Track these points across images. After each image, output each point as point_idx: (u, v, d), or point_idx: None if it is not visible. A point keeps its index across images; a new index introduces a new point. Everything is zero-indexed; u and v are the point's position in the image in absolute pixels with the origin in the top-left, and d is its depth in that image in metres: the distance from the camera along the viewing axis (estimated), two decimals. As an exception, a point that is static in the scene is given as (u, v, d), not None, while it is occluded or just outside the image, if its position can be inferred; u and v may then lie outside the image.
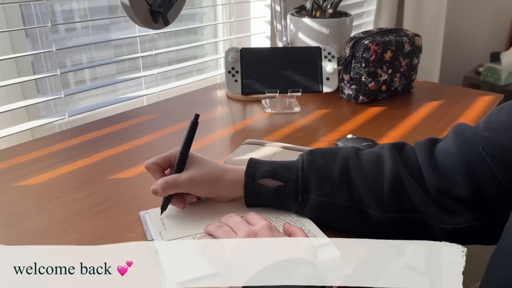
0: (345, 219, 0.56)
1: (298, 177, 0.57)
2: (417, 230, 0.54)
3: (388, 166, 0.55)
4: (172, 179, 0.57)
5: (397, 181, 0.54)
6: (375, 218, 0.54)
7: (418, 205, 0.53)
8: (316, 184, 0.56)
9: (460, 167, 0.52)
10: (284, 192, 0.57)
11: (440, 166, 0.53)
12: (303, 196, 0.57)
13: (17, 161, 0.77)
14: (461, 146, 0.53)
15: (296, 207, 0.58)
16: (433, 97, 1.11)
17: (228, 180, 0.59)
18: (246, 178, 0.58)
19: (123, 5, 0.73)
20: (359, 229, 0.56)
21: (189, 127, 0.59)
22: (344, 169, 0.56)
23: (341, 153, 0.58)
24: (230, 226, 0.52)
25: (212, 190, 0.59)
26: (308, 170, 0.57)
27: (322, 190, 0.56)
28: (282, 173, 0.57)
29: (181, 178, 0.57)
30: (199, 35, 1.39)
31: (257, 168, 0.58)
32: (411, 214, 0.53)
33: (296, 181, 0.57)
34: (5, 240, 0.56)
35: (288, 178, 0.57)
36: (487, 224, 0.52)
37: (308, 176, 0.56)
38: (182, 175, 0.57)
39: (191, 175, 0.57)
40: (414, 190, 0.53)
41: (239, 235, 0.49)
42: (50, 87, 1.02)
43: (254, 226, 0.51)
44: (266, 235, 0.49)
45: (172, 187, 0.57)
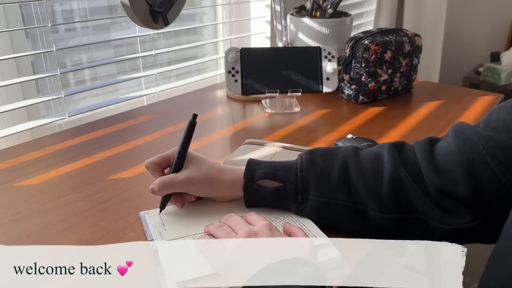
0: (345, 219, 0.56)
1: (297, 177, 0.57)
2: (416, 231, 0.54)
3: (388, 166, 0.55)
4: (169, 179, 0.57)
5: (397, 181, 0.54)
6: (374, 218, 0.54)
7: (417, 205, 0.53)
8: (315, 184, 0.56)
9: (460, 166, 0.52)
10: (284, 193, 0.57)
11: (439, 166, 0.53)
12: (303, 197, 0.56)
13: (17, 161, 0.77)
14: (461, 145, 0.52)
15: (296, 208, 0.57)
16: (433, 97, 1.11)
17: (226, 181, 0.59)
18: (245, 180, 0.58)
19: (123, 5, 0.73)
20: (359, 229, 0.56)
21: (187, 127, 0.60)
22: (343, 169, 0.56)
23: (340, 153, 0.58)
24: (230, 226, 0.52)
25: (210, 190, 0.59)
26: (307, 170, 0.57)
27: (322, 191, 0.56)
28: (281, 174, 0.57)
29: (177, 178, 0.57)
30: (199, 35, 1.39)
31: (256, 169, 0.58)
32: (411, 214, 0.53)
33: (295, 182, 0.57)
34: (5, 240, 0.56)
35: (287, 178, 0.57)
36: (487, 223, 0.52)
37: (307, 176, 0.56)
38: (179, 175, 0.57)
39: (188, 175, 0.57)
40: (414, 190, 0.53)
41: (239, 235, 0.49)
42: (50, 87, 1.02)
43: (254, 226, 0.51)
44: (266, 235, 0.49)
45: (168, 187, 0.57)
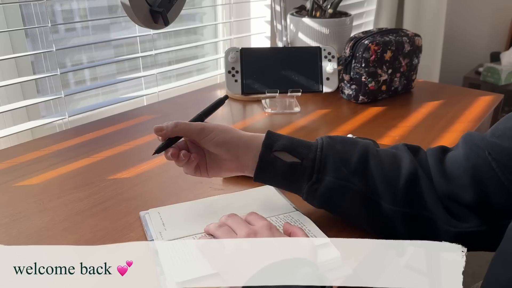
0: (356, 207, 0.55)
1: (316, 156, 0.55)
2: (423, 229, 0.54)
3: (406, 163, 0.55)
4: (185, 122, 0.57)
5: (415, 177, 0.54)
6: (386, 210, 0.54)
7: (429, 204, 0.53)
8: (334, 166, 0.55)
9: (466, 172, 0.52)
10: (299, 169, 0.55)
11: (447, 172, 0.54)
12: (318, 176, 0.55)
13: (17, 161, 0.77)
14: (468, 152, 0.53)
15: (309, 187, 0.55)
16: (433, 97, 1.12)
17: (243, 136, 0.57)
18: (264, 148, 0.56)
19: (123, 5, 0.73)
20: (367, 219, 0.56)
21: (216, 101, 0.62)
22: (364, 157, 0.55)
23: (360, 143, 0.57)
24: (230, 226, 0.52)
25: (223, 146, 0.56)
26: (327, 151, 0.55)
27: (339, 173, 0.54)
28: (300, 150, 0.56)
29: (193, 123, 0.57)
30: (199, 35, 1.39)
31: (276, 140, 0.56)
32: (421, 212, 0.54)
33: (313, 160, 0.55)
34: (5, 240, 0.56)
35: (306, 155, 0.55)
36: (493, 231, 0.52)
37: (326, 157, 0.55)
38: (195, 122, 0.58)
39: (204, 124, 0.57)
40: (429, 189, 0.53)
41: (239, 235, 0.49)
42: (50, 87, 1.02)
43: (254, 225, 0.51)
44: (266, 234, 0.49)
45: (182, 129, 0.57)
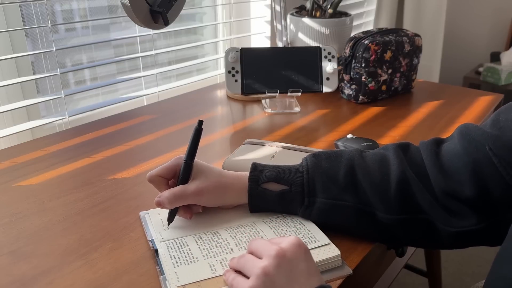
0: (352, 221, 0.55)
1: (304, 180, 0.56)
2: (423, 232, 0.54)
3: (394, 167, 0.54)
4: (180, 191, 0.54)
5: (404, 182, 0.53)
6: (382, 220, 0.53)
7: (424, 206, 0.52)
8: (322, 187, 0.55)
9: (466, 167, 0.51)
10: (290, 196, 0.56)
11: (445, 167, 0.53)
12: (310, 199, 0.56)
13: (17, 161, 0.77)
14: (467, 146, 0.52)
15: (303, 211, 0.56)
16: (433, 97, 1.11)
17: (235, 188, 0.57)
18: (250, 183, 0.57)
19: (123, 5, 0.73)
20: (367, 231, 0.55)
21: (193, 134, 0.56)
22: (350, 170, 0.55)
23: (345, 155, 0.57)
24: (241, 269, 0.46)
25: (220, 200, 0.58)
26: (313, 172, 0.56)
27: (329, 192, 0.55)
28: (287, 177, 0.56)
29: (188, 190, 0.55)
30: (199, 35, 1.39)
31: (261, 172, 0.57)
32: (417, 215, 0.53)
33: (301, 185, 0.56)
34: (5, 240, 0.56)
35: (293, 181, 0.56)
36: (493, 226, 0.51)
37: (313, 178, 0.56)
38: (189, 186, 0.55)
39: (198, 186, 0.55)
40: (420, 191, 0.53)
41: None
42: (50, 87, 1.02)
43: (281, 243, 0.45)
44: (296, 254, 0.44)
45: (180, 199, 0.55)
